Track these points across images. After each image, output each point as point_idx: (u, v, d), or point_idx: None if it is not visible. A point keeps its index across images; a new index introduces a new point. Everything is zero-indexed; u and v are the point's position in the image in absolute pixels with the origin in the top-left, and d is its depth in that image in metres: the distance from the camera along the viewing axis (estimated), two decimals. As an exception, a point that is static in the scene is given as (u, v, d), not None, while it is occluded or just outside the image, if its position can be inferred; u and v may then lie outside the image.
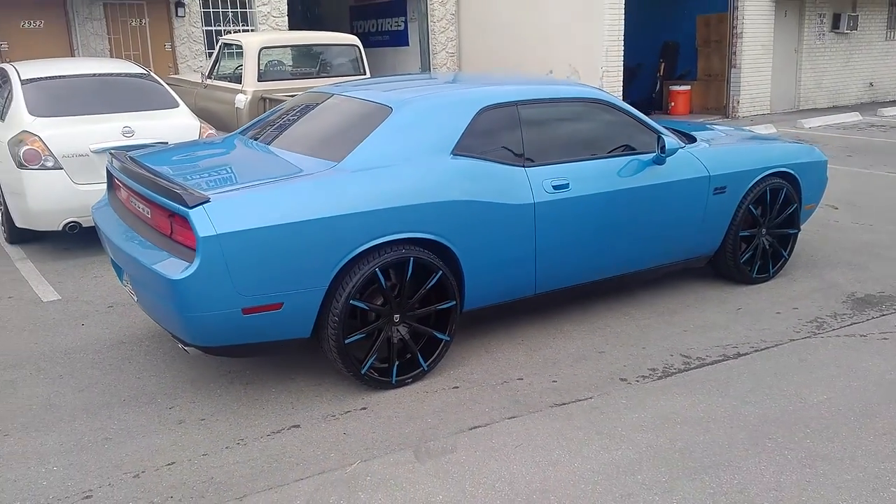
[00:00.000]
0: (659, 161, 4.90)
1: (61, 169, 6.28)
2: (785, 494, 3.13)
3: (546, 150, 4.58)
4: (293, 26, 15.60)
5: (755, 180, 5.39)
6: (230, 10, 13.79)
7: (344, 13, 19.15)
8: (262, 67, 9.29)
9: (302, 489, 3.23)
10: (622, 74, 13.57)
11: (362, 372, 3.98)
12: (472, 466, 3.37)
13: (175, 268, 3.54)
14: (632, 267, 5.03)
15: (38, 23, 12.02)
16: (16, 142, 6.31)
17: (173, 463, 3.44)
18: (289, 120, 4.86)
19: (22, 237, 6.78)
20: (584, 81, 13.68)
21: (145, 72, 7.72)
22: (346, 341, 3.89)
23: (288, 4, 14.72)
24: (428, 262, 4.05)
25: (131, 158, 4.35)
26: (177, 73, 12.87)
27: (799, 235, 5.86)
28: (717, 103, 15.97)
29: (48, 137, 6.30)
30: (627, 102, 5.24)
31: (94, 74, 7.33)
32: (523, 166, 4.43)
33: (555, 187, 4.46)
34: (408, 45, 16.91)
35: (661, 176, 4.91)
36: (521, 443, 3.55)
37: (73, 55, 12.31)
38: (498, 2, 15.38)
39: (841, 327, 4.87)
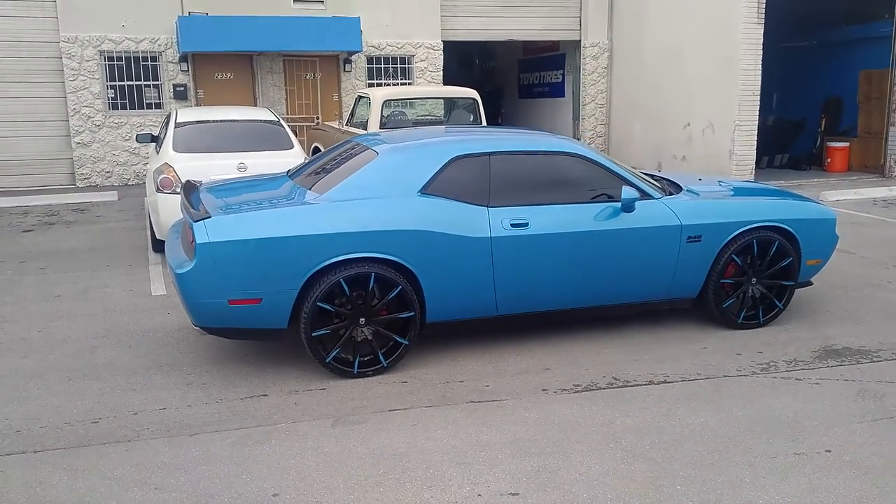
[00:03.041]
0: (626, 208, 5.56)
1: (187, 194, 7.94)
2: (581, 477, 3.78)
3: (512, 194, 5.42)
4: (459, 79, 17.10)
5: (737, 232, 5.82)
6: (391, 65, 15.56)
7: (514, 66, 20.50)
8: (384, 117, 10.70)
9: (236, 434, 4.33)
10: (756, 128, 13.65)
11: (327, 361, 5.03)
12: (367, 433, 4.31)
13: (182, 265, 4.84)
14: (597, 301, 5.69)
15: (228, 75, 14.43)
16: (158, 171, 8.08)
17: (164, 409, 4.68)
18: (322, 161, 6.07)
19: (160, 247, 8.52)
20: (718, 135, 13.98)
21: (276, 119, 9.35)
22: (314, 334, 4.98)
23: (456, 58, 16.24)
24: (389, 277, 5.04)
25: (193, 186, 5.74)
26: (341, 119, 14.73)
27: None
28: (875, 162, 15.38)
29: (180, 168, 8.01)
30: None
31: (233, 120, 9.06)
32: (486, 206, 5.31)
33: (513, 225, 5.30)
34: (563, 96, 17.87)
35: (626, 222, 5.56)
36: (417, 423, 4.43)
37: (255, 103, 14.56)
38: (646, 57, 15.96)
39: (787, 371, 5.21)
